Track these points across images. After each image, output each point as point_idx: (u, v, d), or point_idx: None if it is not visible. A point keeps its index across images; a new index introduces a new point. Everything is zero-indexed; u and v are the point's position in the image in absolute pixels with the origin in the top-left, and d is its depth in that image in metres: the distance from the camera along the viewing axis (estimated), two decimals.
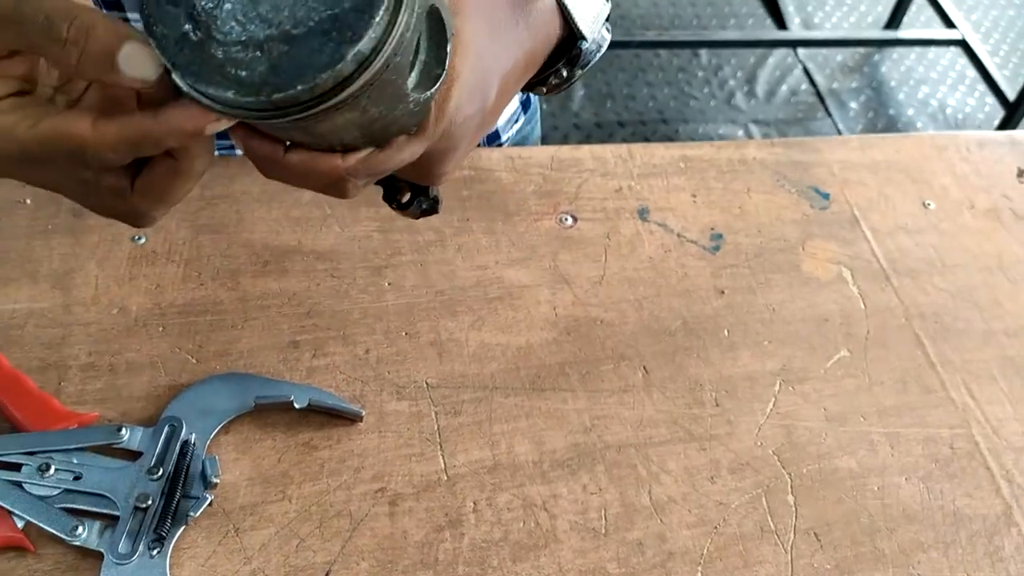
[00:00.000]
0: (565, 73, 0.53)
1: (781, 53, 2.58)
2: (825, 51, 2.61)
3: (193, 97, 0.37)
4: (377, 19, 0.34)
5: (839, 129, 2.40)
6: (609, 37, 0.55)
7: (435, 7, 0.39)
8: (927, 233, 0.76)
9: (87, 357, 0.58)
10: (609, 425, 0.60)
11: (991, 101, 2.50)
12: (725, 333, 0.67)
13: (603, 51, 0.54)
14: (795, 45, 2.59)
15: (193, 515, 0.51)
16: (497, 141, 0.82)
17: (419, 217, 0.53)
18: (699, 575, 0.54)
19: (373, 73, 0.35)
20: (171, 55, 0.36)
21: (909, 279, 0.72)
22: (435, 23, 0.39)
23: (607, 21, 0.55)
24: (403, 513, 0.55)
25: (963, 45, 2.49)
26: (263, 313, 0.62)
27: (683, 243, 0.72)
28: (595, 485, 0.57)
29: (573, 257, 0.69)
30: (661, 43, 2.48)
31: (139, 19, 0.37)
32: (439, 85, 0.40)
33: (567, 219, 0.72)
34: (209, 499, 0.52)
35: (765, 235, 0.73)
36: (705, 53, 2.55)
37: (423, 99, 0.40)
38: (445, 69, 0.40)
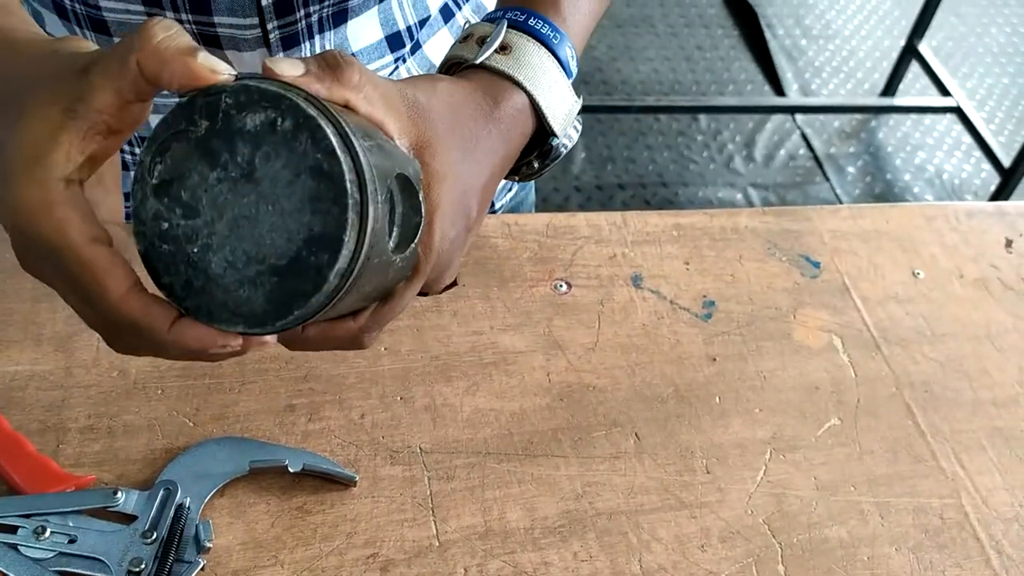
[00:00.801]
0: (537, 165, 0.54)
1: (779, 119, 2.63)
2: (823, 117, 2.65)
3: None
4: (346, 237, 0.36)
5: (836, 194, 2.43)
6: (578, 134, 0.55)
7: (399, 174, 0.40)
8: (917, 302, 0.77)
9: (86, 419, 0.59)
10: (600, 492, 0.61)
11: (987, 167, 2.53)
12: (716, 400, 0.67)
13: (571, 146, 0.55)
14: (793, 111, 2.63)
15: None
16: (491, 209, 0.84)
17: (441, 293, 0.55)
18: None
19: (357, 273, 0.37)
20: (180, 301, 0.38)
21: (899, 348, 0.73)
22: (402, 181, 0.41)
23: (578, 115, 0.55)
24: None
25: (958, 112, 2.54)
26: (260, 377, 0.63)
27: (676, 310, 0.73)
28: (586, 552, 0.58)
29: (567, 323, 0.71)
30: (661, 108, 2.53)
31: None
32: (420, 234, 0.42)
33: (562, 285, 0.73)
34: (202, 563, 0.53)
35: (757, 303, 0.75)
36: (704, 118, 2.59)
37: (409, 253, 0.42)
38: (422, 216, 0.42)
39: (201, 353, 0.39)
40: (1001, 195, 2.37)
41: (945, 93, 2.56)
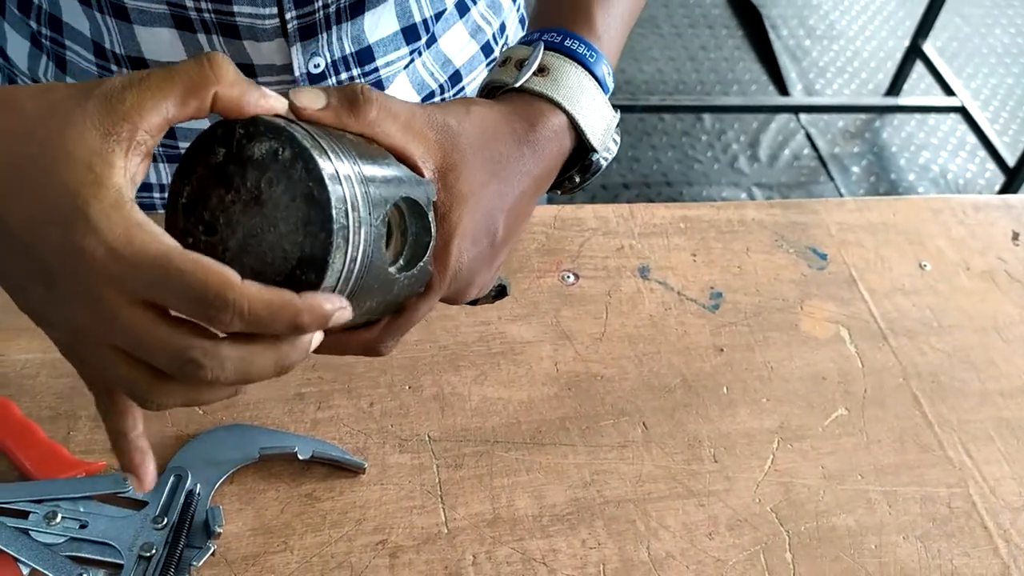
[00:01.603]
0: (578, 179, 0.55)
1: (783, 118, 2.63)
2: (827, 117, 2.65)
3: None
4: (331, 259, 0.38)
5: (841, 193, 2.43)
6: (617, 146, 0.56)
7: (405, 197, 0.42)
8: (923, 294, 0.77)
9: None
10: (608, 480, 0.61)
11: (992, 167, 2.53)
12: (724, 390, 0.67)
13: (611, 159, 0.55)
14: (797, 111, 2.63)
15: (196, 565, 0.52)
16: None
17: (492, 302, 0.56)
18: None
19: (349, 291, 0.39)
20: None
21: (906, 339, 0.73)
22: (410, 203, 0.43)
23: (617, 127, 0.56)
24: (403, 565, 0.55)
25: (963, 112, 2.54)
26: None
27: (683, 301, 0.73)
28: (594, 540, 0.58)
29: (575, 314, 0.71)
30: (665, 107, 2.53)
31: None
32: (430, 252, 0.44)
33: (569, 277, 0.73)
34: (212, 549, 0.53)
35: (764, 294, 0.75)
36: (709, 118, 2.59)
37: (418, 271, 0.44)
38: (432, 236, 0.44)
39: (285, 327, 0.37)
40: (1005, 194, 2.36)
41: (949, 93, 2.56)
